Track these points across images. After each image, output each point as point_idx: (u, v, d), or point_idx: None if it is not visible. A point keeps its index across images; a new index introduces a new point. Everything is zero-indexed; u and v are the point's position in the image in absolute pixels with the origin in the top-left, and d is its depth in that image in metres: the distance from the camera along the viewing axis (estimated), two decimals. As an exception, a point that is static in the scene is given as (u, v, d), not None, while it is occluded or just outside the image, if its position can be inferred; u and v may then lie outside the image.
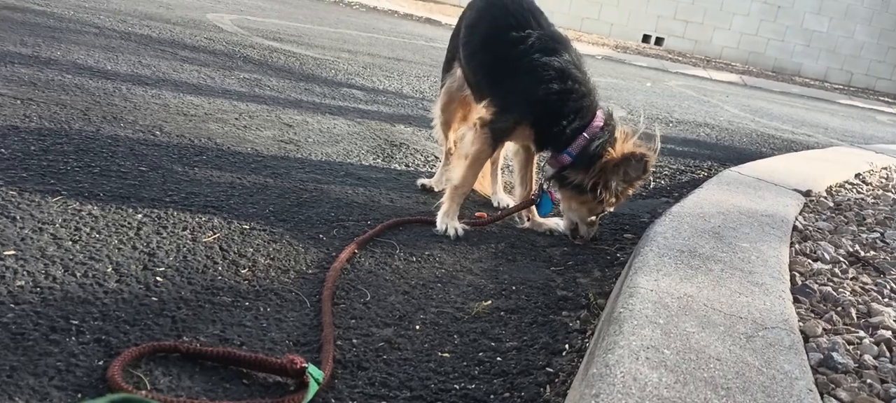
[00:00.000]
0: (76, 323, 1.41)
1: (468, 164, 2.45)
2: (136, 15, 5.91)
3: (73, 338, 1.36)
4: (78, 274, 1.61)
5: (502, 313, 1.88)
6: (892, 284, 2.17)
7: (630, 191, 2.47)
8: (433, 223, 2.40)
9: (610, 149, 2.33)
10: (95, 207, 1.99)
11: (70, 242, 1.75)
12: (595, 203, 2.42)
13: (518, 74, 2.39)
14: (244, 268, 1.83)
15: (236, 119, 3.30)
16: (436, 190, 2.77)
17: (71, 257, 1.68)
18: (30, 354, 1.28)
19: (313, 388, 1.33)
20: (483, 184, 2.83)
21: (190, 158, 2.60)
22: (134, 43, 4.71)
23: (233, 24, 6.63)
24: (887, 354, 1.67)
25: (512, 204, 2.70)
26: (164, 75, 3.92)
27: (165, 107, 3.24)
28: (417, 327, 1.72)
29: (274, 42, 6.05)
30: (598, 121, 2.38)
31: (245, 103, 3.66)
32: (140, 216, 2.00)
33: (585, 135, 2.36)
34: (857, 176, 4.08)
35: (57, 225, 1.83)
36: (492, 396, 1.48)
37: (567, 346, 1.74)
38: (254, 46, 5.58)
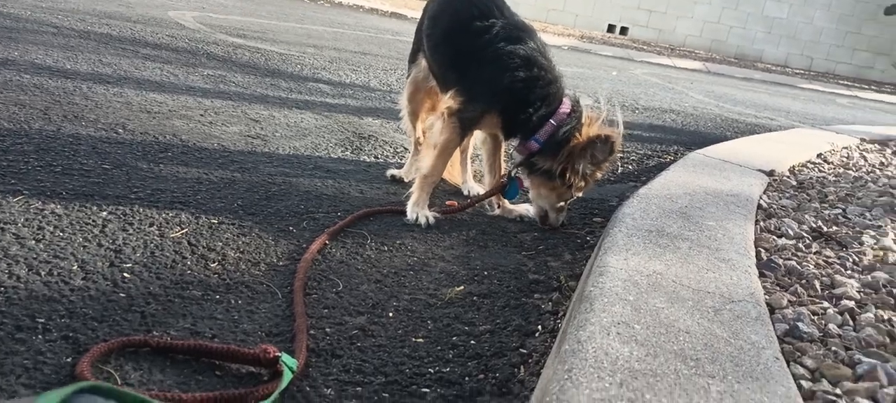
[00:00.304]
0: (42, 321, 1.39)
1: (437, 154, 2.46)
2: (94, 14, 5.79)
3: (40, 336, 1.34)
4: (42, 273, 1.58)
5: (475, 298, 1.89)
6: (855, 257, 2.23)
7: (598, 175, 2.49)
8: (404, 212, 2.40)
9: (577, 133, 2.35)
10: (58, 206, 1.95)
11: (33, 241, 1.72)
12: (564, 188, 2.44)
13: (483, 64, 2.40)
14: (214, 262, 1.81)
15: (201, 115, 3.26)
16: (405, 180, 2.77)
17: (35, 256, 1.65)
18: (-5, 352, 1.26)
19: (287, 377, 1.33)
20: (452, 174, 2.84)
21: (155, 155, 2.56)
22: (93, 42, 4.62)
23: (195, 22, 6.54)
24: (851, 323, 1.71)
25: (481, 192, 2.71)
26: (126, 73, 3.85)
27: (128, 105, 3.19)
28: (390, 314, 1.72)
29: (238, 38, 5.98)
30: (565, 107, 2.40)
31: (210, 99, 3.61)
32: (105, 213, 1.97)
33: (552, 121, 2.37)
34: (818, 155, 4.17)
35: (19, 225, 1.79)
36: (466, 378, 1.48)
37: (540, 327, 1.76)
38: (217, 43, 5.52)
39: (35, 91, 3.13)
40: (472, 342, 1.64)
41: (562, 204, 2.51)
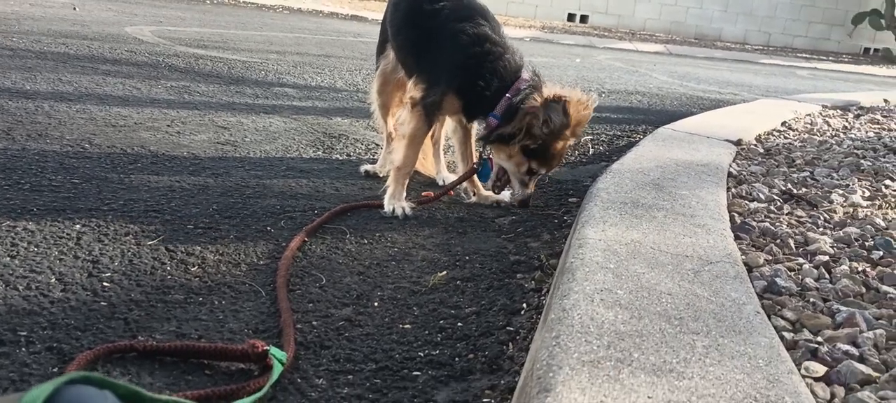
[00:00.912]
0: (24, 333, 1.37)
1: (407, 144, 2.46)
2: (49, 34, 5.69)
3: (24, 349, 1.32)
4: (20, 288, 1.55)
5: (459, 282, 1.89)
6: (826, 215, 2.28)
7: (560, 144, 2.43)
8: (381, 206, 2.40)
9: (533, 97, 2.34)
10: (30, 222, 1.92)
11: (8, 258, 1.69)
12: (522, 157, 2.42)
13: (438, 45, 2.42)
14: (194, 266, 1.79)
15: (168, 126, 3.22)
16: (380, 175, 2.76)
17: (10, 272, 1.62)
18: (-22, 368, 1.24)
19: (277, 370, 1.32)
20: (426, 165, 2.84)
21: (124, 167, 2.53)
22: (51, 61, 4.54)
23: (153, 36, 6.45)
24: (827, 276, 1.75)
25: None
26: (87, 90, 3.79)
27: (92, 121, 3.14)
28: (376, 304, 1.72)
29: (198, 49, 5.92)
30: (522, 82, 2.40)
31: (176, 110, 3.57)
32: (79, 226, 1.94)
33: (508, 95, 2.38)
34: (783, 124, 4.25)
35: (-9, 244, 1.76)
36: (457, 359, 1.49)
37: (524, 305, 1.77)
38: (178, 55, 5.45)
39: (-4, 113, 3.07)
40: (460, 324, 1.65)
41: (527, 177, 2.49)
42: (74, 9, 7.79)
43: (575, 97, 2.35)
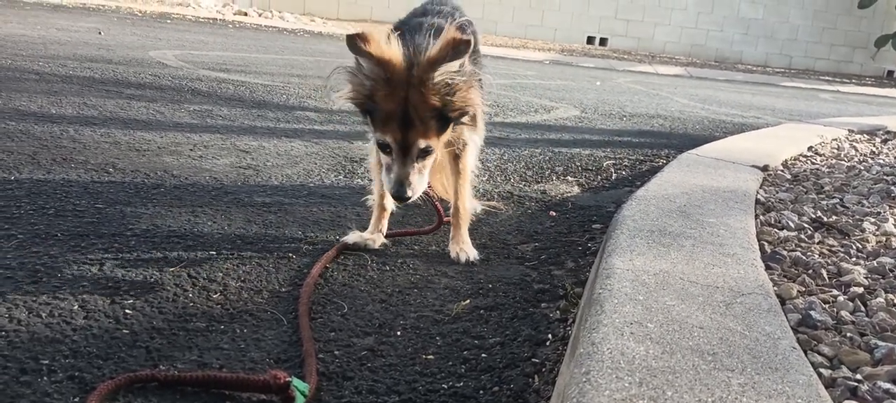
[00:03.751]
0: (46, 362, 1.36)
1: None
2: (75, 58, 5.77)
3: (45, 378, 1.30)
4: (43, 315, 1.54)
5: (482, 311, 1.86)
6: (858, 244, 2.23)
7: (387, 101, 1.92)
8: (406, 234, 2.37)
9: None
10: (54, 247, 1.92)
11: (32, 284, 1.69)
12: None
13: None
14: (215, 293, 1.78)
15: (191, 150, 3.24)
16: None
17: (34, 298, 1.61)
18: (2, 397, 1.23)
19: (300, 402, 1.30)
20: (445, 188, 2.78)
21: (147, 192, 2.53)
22: (77, 85, 4.59)
23: (177, 60, 6.52)
24: (862, 309, 1.70)
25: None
26: (112, 114, 3.83)
27: (116, 145, 3.16)
28: (398, 333, 1.69)
29: (221, 73, 5.97)
30: None
31: (198, 134, 3.59)
32: (101, 252, 1.94)
33: None
34: (809, 149, 4.19)
35: (14, 269, 1.76)
36: (481, 391, 1.46)
37: (550, 336, 1.74)
38: (201, 79, 5.50)
39: (22, 137, 3.10)
40: (484, 355, 1.62)
41: (388, 157, 1.98)
42: (100, 33, 7.90)
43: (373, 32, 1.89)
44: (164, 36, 8.54)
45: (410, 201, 2.01)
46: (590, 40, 16.58)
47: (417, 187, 1.96)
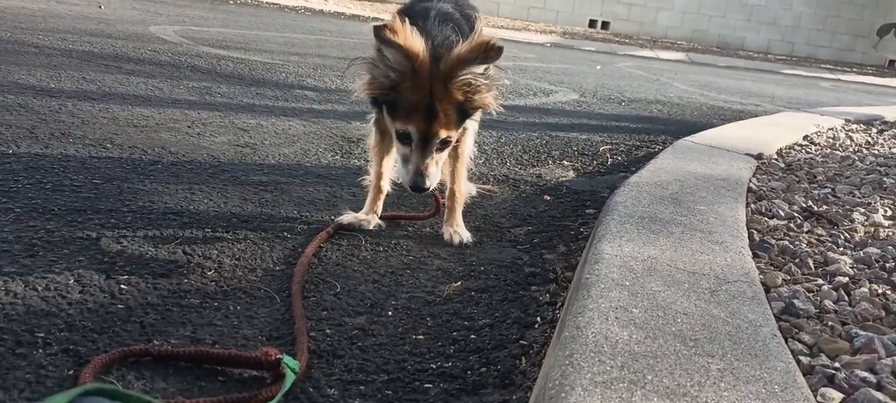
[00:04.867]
0: (42, 335, 1.38)
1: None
2: (75, 32, 5.76)
3: (41, 351, 1.33)
4: (39, 288, 1.57)
5: (473, 293, 1.89)
6: (846, 234, 2.25)
7: (413, 93, 1.96)
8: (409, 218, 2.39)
9: None
10: (50, 222, 1.94)
11: (28, 258, 1.71)
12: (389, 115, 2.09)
13: None
14: (210, 270, 1.80)
15: (189, 127, 3.25)
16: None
17: (29, 272, 1.64)
18: (-4, 369, 1.26)
19: (290, 378, 1.33)
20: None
21: (145, 168, 2.55)
22: (76, 60, 4.60)
23: (177, 35, 6.52)
24: (846, 298, 1.73)
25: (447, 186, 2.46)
26: (111, 89, 3.83)
27: (115, 120, 3.18)
28: (390, 313, 1.72)
29: (220, 50, 5.97)
30: None
31: (196, 111, 3.60)
32: (98, 227, 1.96)
33: None
34: (805, 138, 4.21)
35: (11, 242, 1.78)
36: (469, 372, 1.49)
37: (539, 319, 1.76)
38: (200, 55, 5.50)
39: (20, 110, 3.11)
40: (473, 336, 1.65)
41: (406, 148, 2.01)
42: (100, 7, 7.88)
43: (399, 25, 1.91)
44: (165, 11, 8.52)
45: (427, 192, 2.05)
46: (592, 24, 16.53)
47: (434, 178, 2.01)
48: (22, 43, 4.91)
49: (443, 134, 1.97)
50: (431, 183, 2.00)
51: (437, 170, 2.03)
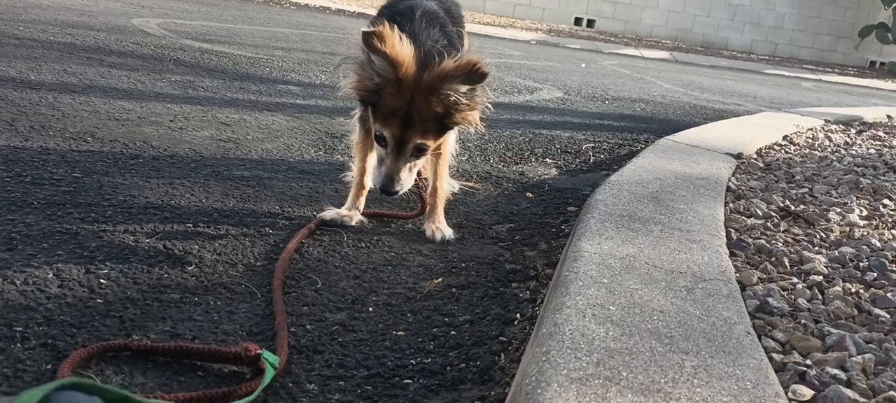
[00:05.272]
0: (20, 329, 1.38)
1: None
2: (56, 23, 5.70)
3: (18, 345, 1.33)
4: (17, 282, 1.56)
5: (454, 289, 1.90)
6: (822, 234, 2.29)
7: (394, 98, 1.98)
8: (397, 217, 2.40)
9: None
10: (29, 216, 1.93)
11: (6, 252, 1.70)
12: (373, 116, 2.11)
13: None
14: (190, 265, 1.80)
15: (171, 121, 3.24)
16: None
17: (8, 266, 1.63)
18: (-27, 363, 1.25)
19: (270, 374, 1.33)
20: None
21: (126, 162, 2.54)
22: (57, 51, 4.55)
23: (159, 28, 6.47)
24: (819, 297, 1.76)
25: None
26: (92, 82, 3.80)
27: (96, 114, 3.15)
28: (370, 309, 1.73)
29: (204, 43, 5.93)
30: None
31: (179, 105, 3.58)
32: (78, 221, 1.95)
33: None
34: (784, 138, 4.26)
35: (-10, 236, 1.77)
36: (448, 368, 1.50)
37: (518, 315, 1.78)
38: (184, 49, 5.47)
39: (0, 103, 3.08)
40: (453, 332, 1.66)
41: (382, 149, 2.04)
42: (82, -2, 7.79)
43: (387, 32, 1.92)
44: (148, 3, 8.45)
45: (397, 196, 2.07)
46: (577, 22, 16.58)
47: (405, 184, 2.03)
48: (2, 34, 4.85)
49: (417, 141, 1.99)
50: (401, 188, 2.03)
51: (410, 176, 2.05)
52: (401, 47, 1.92)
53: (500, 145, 3.70)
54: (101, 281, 1.64)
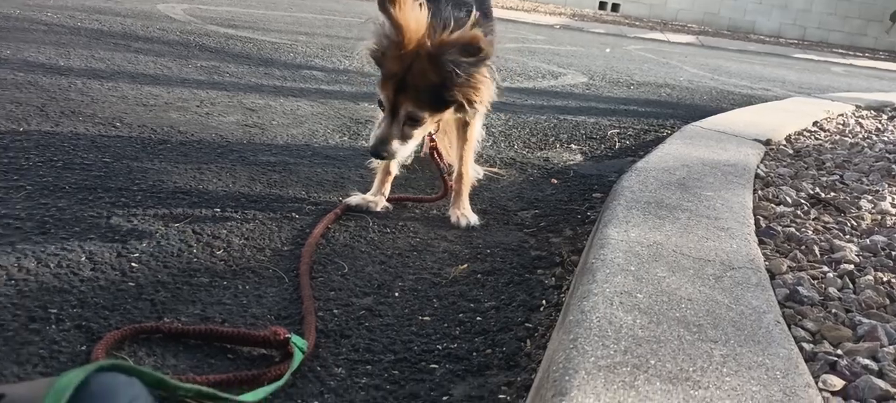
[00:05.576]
0: (55, 311, 1.41)
1: None
2: (83, 9, 5.77)
3: (54, 326, 1.36)
4: (51, 265, 1.59)
5: (479, 275, 1.91)
6: (853, 222, 2.25)
7: (393, 62, 2.02)
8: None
9: None
10: (62, 200, 1.97)
11: (40, 235, 1.73)
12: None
13: None
14: (219, 250, 1.83)
15: (198, 106, 3.27)
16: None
17: (42, 249, 1.66)
18: (11, 344, 1.28)
19: (298, 357, 1.35)
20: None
21: (154, 147, 2.57)
22: (85, 37, 4.61)
23: (185, 14, 6.52)
24: (850, 286, 1.74)
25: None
26: (120, 68, 3.85)
27: (124, 99, 3.19)
28: (396, 294, 1.74)
29: (229, 29, 5.97)
30: None
31: (205, 90, 3.61)
32: (109, 205, 1.98)
33: None
34: (814, 124, 4.19)
35: (24, 220, 1.80)
36: (474, 353, 1.51)
37: (544, 302, 1.78)
38: (209, 34, 5.50)
39: (30, 88, 3.13)
40: (479, 318, 1.66)
41: (383, 110, 2.07)
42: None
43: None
44: (173, -11, 8.50)
45: (383, 160, 2.11)
46: (602, 6, 16.42)
47: (395, 151, 2.04)
48: (31, 20, 4.92)
49: (410, 108, 1.99)
50: (390, 154, 2.04)
51: (405, 146, 2.05)
52: (413, 14, 1.93)
53: (524, 131, 3.69)
54: (133, 264, 1.66)
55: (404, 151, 2.08)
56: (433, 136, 2.31)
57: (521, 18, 12.48)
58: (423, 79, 1.96)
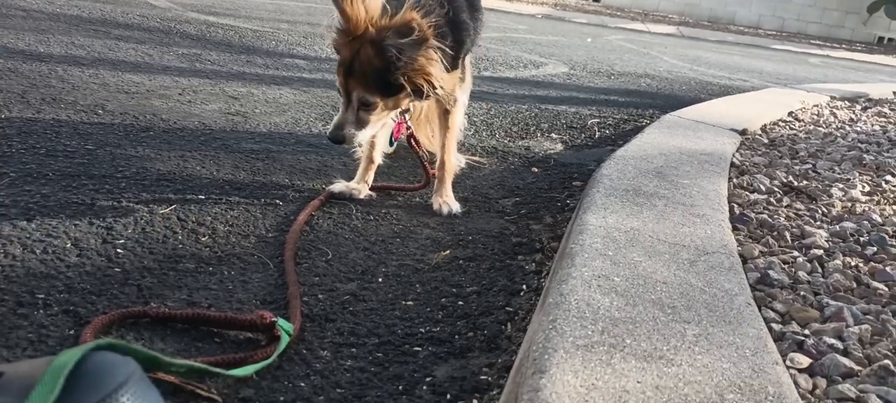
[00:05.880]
0: (42, 296, 1.42)
1: None
2: (64, -4, 5.71)
3: (41, 311, 1.37)
4: (37, 251, 1.61)
5: (461, 261, 1.94)
6: (824, 209, 2.32)
7: (345, 50, 2.07)
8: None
9: None
10: (46, 186, 1.97)
11: (25, 221, 1.74)
12: None
13: None
14: (204, 236, 1.85)
15: (180, 94, 3.27)
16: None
17: (27, 235, 1.67)
18: (0, 328, 1.30)
19: (285, 341, 1.38)
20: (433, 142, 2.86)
21: (137, 135, 2.58)
22: (64, 24, 4.57)
23: (166, 1, 6.47)
24: (819, 270, 1.80)
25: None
26: (100, 54, 3.83)
27: (105, 86, 3.19)
28: (380, 280, 1.77)
29: (210, 16, 5.94)
30: None
31: (187, 78, 3.61)
32: (93, 192, 1.99)
33: None
34: (789, 114, 4.27)
35: (8, 206, 1.81)
36: (456, 336, 1.54)
37: (524, 287, 1.82)
38: (190, 22, 5.48)
39: (11, 75, 3.11)
40: (461, 302, 1.70)
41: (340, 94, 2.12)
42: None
43: None
44: (153, -25, 8.43)
45: (341, 146, 2.15)
46: (583, -5, 16.47)
47: (351, 135, 2.08)
48: (9, 6, 4.87)
49: (360, 94, 2.04)
50: (347, 140, 2.09)
51: (363, 131, 2.09)
52: (359, 3, 1.97)
53: (505, 120, 3.73)
54: (119, 250, 1.68)
55: (363, 136, 2.12)
56: (409, 124, 2.35)
57: (504, 7, 12.50)
58: (368, 64, 2.00)
